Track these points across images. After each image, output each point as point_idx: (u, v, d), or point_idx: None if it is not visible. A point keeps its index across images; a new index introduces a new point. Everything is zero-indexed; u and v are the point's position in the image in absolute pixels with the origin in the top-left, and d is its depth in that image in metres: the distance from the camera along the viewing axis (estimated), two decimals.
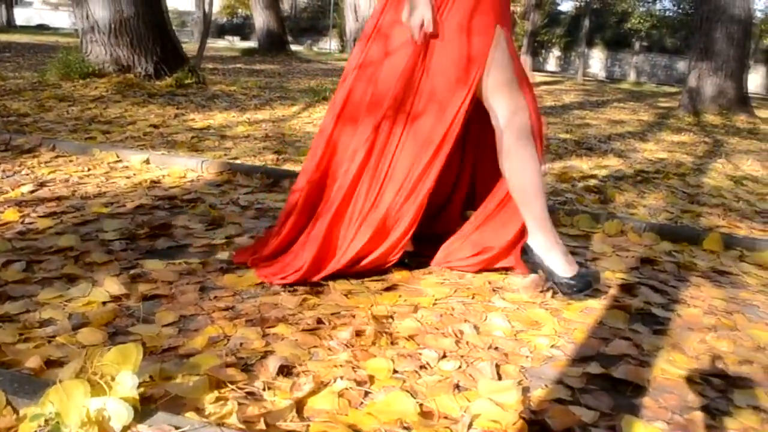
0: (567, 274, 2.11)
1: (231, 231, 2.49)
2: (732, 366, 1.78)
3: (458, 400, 1.48)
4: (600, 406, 1.51)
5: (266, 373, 1.53)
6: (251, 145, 4.42)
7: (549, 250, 2.13)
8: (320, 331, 1.75)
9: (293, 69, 12.67)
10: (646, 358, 1.77)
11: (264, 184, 3.21)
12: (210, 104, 6.24)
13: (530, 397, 1.52)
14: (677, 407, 1.54)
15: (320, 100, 6.64)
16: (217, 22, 23.37)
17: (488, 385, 1.54)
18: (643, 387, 1.62)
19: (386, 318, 1.87)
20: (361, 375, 1.55)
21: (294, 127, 5.38)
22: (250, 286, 2.02)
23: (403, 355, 1.67)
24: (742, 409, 1.56)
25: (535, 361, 1.71)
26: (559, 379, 1.62)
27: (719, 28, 9.74)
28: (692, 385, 1.65)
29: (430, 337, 1.77)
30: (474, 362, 1.66)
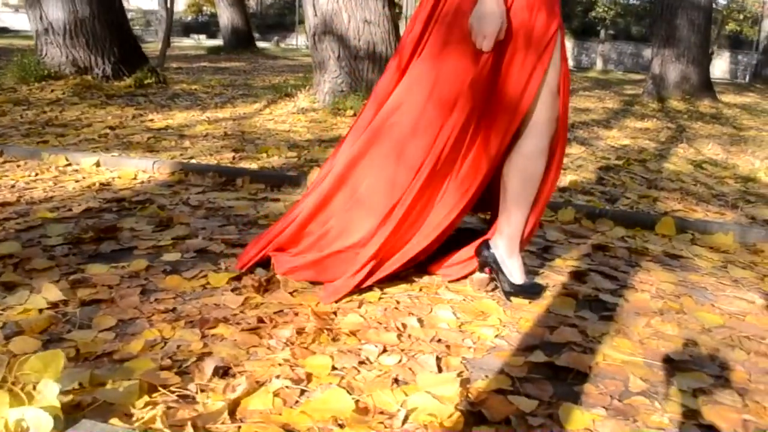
0: (518, 281, 2.08)
1: (179, 232, 2.45)
2: (676, 349, 1.79)
3: (396, 394, 1.46)
4: (540, 395, 1.50)
5: (202, 375, 1.50)
6: (210, 144, 4.38)
7: (510, 257, 2.09)
8: (261, 331, 1.72)
9: (259, 66, 12.58)
10: (591, 345, 1.77)
11: (216, 183, 3.17)
12: (170, 104, 6.16)
13: (470, 388, 1.51)
14: (618, 393, 1.54)
15: (282, 97, 6.59)
16: (182, 21, 23.15)
17: (428, 378, 1.53)
18: (585, 374, 1.62)
19: (330, 314, 1.85)
20: (299, 373, 1.53)
21: (255, 125, 5.33)
22: (194, 287, 1.99)
23: (343, 351, 1.64)
24: (683, 392, 1.56)
25: (478, 352, 1.70)
26: (501, 369, 1.61)
27: (681, 15, 9.83)
28: (635, 370, 1.65)
29: (373, 332, 1.75)
30: (416, 356, 1.64)
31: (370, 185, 1.99)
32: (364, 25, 5.87)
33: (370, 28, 5.89)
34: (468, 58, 1.88)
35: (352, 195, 2.01)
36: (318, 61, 6.12)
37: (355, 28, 5.87)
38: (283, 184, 3.15)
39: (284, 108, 6.12)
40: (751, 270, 2.50)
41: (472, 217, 2.52)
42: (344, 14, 5.83)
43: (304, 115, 5.81)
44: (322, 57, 6.04)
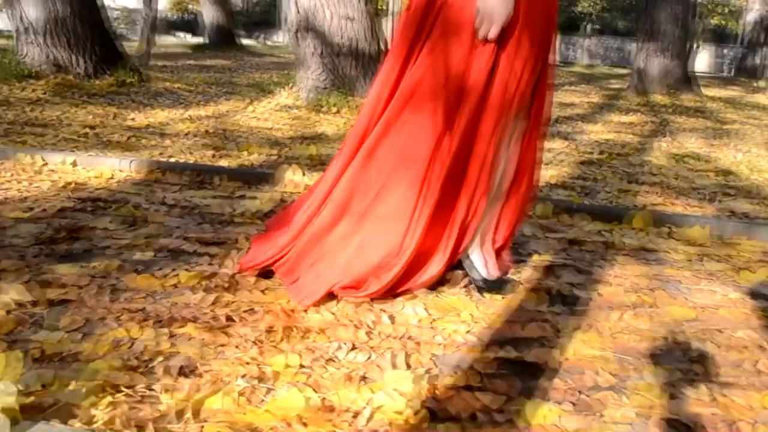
0: (491, 276, 2.08)
1: (149, 230, 2.44)
2: (643, 343, 1.79)
3: (362, 392, 1.45)
4: (507, 391, 1.50)
5: (167, 374, 1.49)
6: (190, 142, 4.35)
7: (474, 251, 2.08)
8: (229, 329, 1.71)
9: (244, 64, 12.53)
10: (561, 340, 1.77)
11: (193, 181, 3.15)
12: (152, 102, 6.12)
13: (437, 385, 1.50)
14: (586, 387, 1.54)
15: (265, 94, 6.56)
16: (167, 19, 23.03)
17: (394, 375, 1.52)
18: (554, 369, 1.62)
19: (300, 312, 1.84)
20: (265, 372, 1.52)
21: (237, 123, 5.31)
22: (165, 286, 1.97)
23: (311, 349, 1.64)
24: (652, 386, 1.56)
25: (448, 348, 1.70)
26: (470, 365, 1.61)
27: (664, 9, 9.87)
28: (604, 365, 1.65)
29: (343, 329, 1.75)
30: (384, 353, 1.63)
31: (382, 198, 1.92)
32: (346, 21, 5.85)
33: (352, 24, 5.88)
34: (467, 53, 1.85)
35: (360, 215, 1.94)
36: (300, 58, 6.10)
37: (337, 25, 5.85)
38: (260, 182, 3.13)
39: (266, 105, 6.09)
40: (726, 263, 2.51)
41: None
42: (325, 11, 5.82)
43: (286, 112, 5.79)
44: (303, 54, 6.02)
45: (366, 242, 1.92)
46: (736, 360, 1.72)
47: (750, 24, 17.79)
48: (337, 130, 5.13)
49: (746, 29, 17.98)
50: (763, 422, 1.45)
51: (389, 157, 1.91)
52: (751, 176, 4.58)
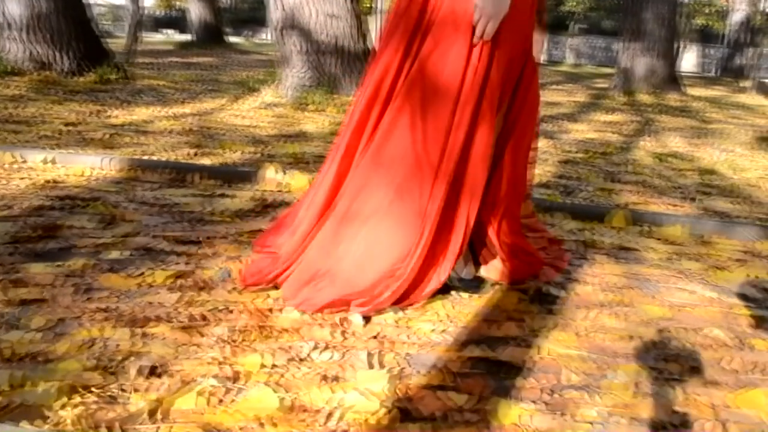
0: (468, 276, 2.08)
1: (126, 229, 2.42)
2: (617, 342, 1.79)
3: (328, 391, 1.45)
4: (476, 390, 1.49)
5: (138, 375, 1.48)
6: (170, 140, 4.32)
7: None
8: (197, 329, 1.70)
9: (230, 61, 12.48)
10: (532, 339, 1.77)
11: (170, 179, 3.13)
12: (134, 99, 6.08)
13: (410, 384, 1.50)
14: (554, 386, 1.54)
15: (249, 92, 6.53)
16: (153, 16, 22.89)
17: (362, 375, 1.52)
18: (528, 368, 1.62)
19: (275, 312, 1.83)
20: (231, 371, 1.51)
21: (218, 121, 5.28)
22: (134, 285, 1.96)
23: (285, 348, 1.63)
24: (619, 385, 1.57)
25: (423, 347, 1.69)
26: (440, 364, 1.60)
27: (649, 9, 9.91)
28: (573, 364, 1.65)
29: (318, 329, 1.74)
30: (358, 352, 1.63)
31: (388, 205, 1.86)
32: (329, 19, 5.84)
33: (335, 22, 5.87)
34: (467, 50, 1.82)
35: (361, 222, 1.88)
36: (283, 55, 6.08)
37: (321, 23, 5.84)
38: (240, 181, 3.12)
39: (249, 103, 6.07)
40: (703, 262, 2.52)
41: None
42: (309, 8, 5.80)
43: (269, 110, 5.77)
44: (286, 51, 6.01)
45: (371, 251, 1.85)
46: (711, 359, 1.73)
47: (735, 24, 17.91)
48: (320, 128, 5.12)
49: (731, 30, 18.09)
50: (736, 421, 1.46)
51: (393, 162, 1.85)
52: (732, 176, 4.60)
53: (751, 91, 13.20)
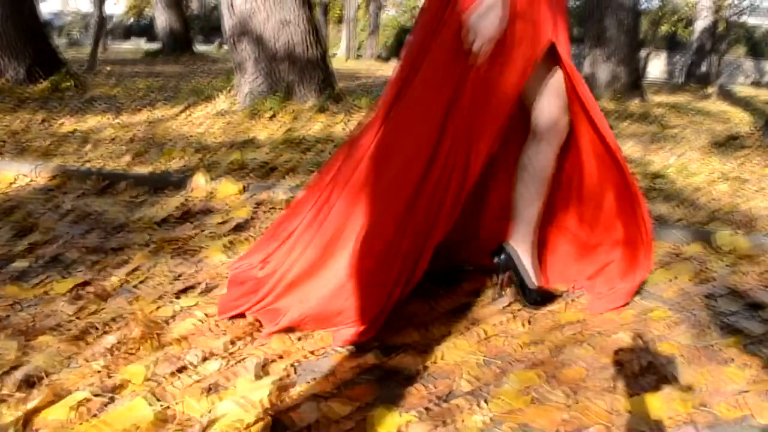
0: (535, 285, 2.05)
1: (38, 238, 2.36)
2: (520, 348, 1.77)
3: (207, 401, 1.41)
4: (362, 398, 1.46)
5: (7, 386, 1.43)
6: (113, 148, 4.27)
7: (528, 258, 2.05)
8: (86, 339, 1.66)
9: (196, 69, 12.39)
10: (432, 346, 1.74)
11: (97, 187, 3.07)
12: (86, 108, 6.01)
13: (290, 393, 1.47)
14: (443, 394, 1.51)
15: (203, 99, 6.48)
16: (123, 24, 22.75)
17: (245, 384, 1.48)
18: (417, 375, 1.59)
19: (166, 320, 1.79)
20: (112, 382, 1.47)
21: (169, 128, 5.23)
22: (34, 295, 1.91)
23: (168, 357, 1.59)
24: (511, 391, 1.54)
25: (315, 355, 1.66)
26: (330, 372, 1.57)
27: (609, 16, 9.99)
28: (469, 370, 1.63)
29: (205, 338, 1.70)
30: (242, 361, 1.59)
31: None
32: (282, 25, 5.81)
33: (289, 28, 5.83)
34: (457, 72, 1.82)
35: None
36: (237, 62, 6.04)
37: (273, 29, 5.81)
38: (167, 188, 3.07)
39: (203, 111, 6.02)
40: None
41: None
42: (261, 15, 5.77)
43: (221, 117, 5.72)
44: (240, 58, 5.97)
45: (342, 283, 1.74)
46: (606, 363, 1.71)
47: (699, 32, 18.13)
48: (271, 135, 5.08)
49: (696, 37, 18.31)
50: (618, 426, 1.44)
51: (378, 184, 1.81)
52: (678, 179, 4.63)
53: (715, 97, 13.38)
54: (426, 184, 1.81)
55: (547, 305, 2.04)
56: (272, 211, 2.80)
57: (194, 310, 1.86)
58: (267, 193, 2.97)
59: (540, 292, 2.06)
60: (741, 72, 23.10)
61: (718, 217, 3.52)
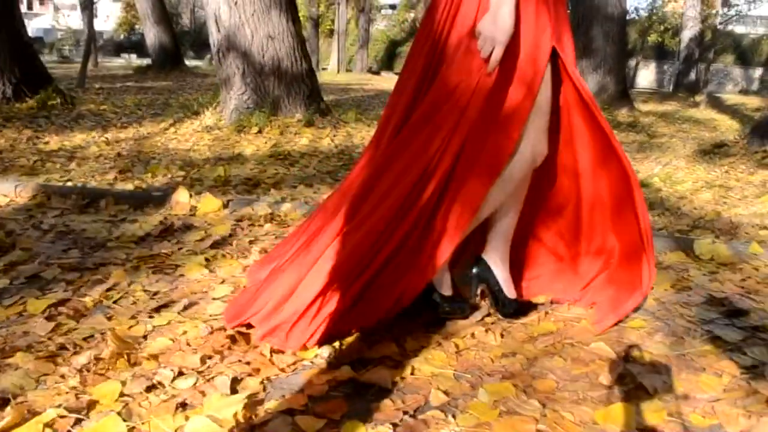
0: (512, 296, 2.04)
1: (16, 257, 2.36)
2: (495, 360, 1.77)
3: (177, 419, 1.41)
4: (331, 413, 1.46)
5: None
6: (98, 165, 4.27)
7: (504, 269, 2.05)
8: (59, 358, 1.66)
9: (186, 85, 12.43)
10: (408, 359, 1.74)
11: (78, 205, 3.07)
12: (73, 125, 6.02)
13: (259, 410, 1.47)
14: (415, 407, 1.51)
15: (191, 115, 6.49)
16: (114, 40, 22.78)
17: (216, 401, 1.48)
18: (389, 389, 1.59)
19: (139, 338, 1.79)
20: (83, 401, 1.47)
21: (156, 145, 5.24)
22: (8, 315, 1.91)
23: (140, 375, 1.59)
24: (483, 404, 1.54)
25: (287, 371, 1.66)
26: (302, 388, 1.57)
27: (596, 27, 10.08)
28: (442, 383, 1.63)
29: (178, 356, 1.70)
30: (214, 378, 1.59)
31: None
32: (268, 40, 5.84)
33: (275, 43, 5.87)
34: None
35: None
36: (223, 78, 6.07)
37: (259, 44, 5.84)
38: (148, 204, 3.07)
39: (190, 126, 6.03)
40: None
41: None
42: (247, 30, 5.80)
43: (208, 133, 5.74)
44: (227, 74, 5.99)
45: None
46: (579, 374, 1.72)
47: (686, 41, 18.29)
48: (257, 150, 5.10)
49: (683, 46, 18.46)
50: None
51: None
52: (663, 187, 4.66)
53: (703, 105, 13.46)
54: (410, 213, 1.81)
55: (521, 317, 2.05)
56: (253, 227, 2.81)
57: (169, 328, 1.86)
58: (248, 209, 2.98)
59: (515, 303, 2.07)
60: (730, 80, 23.27)
61: (701, 225, 3.55)
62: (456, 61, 1.82)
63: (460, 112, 1.80)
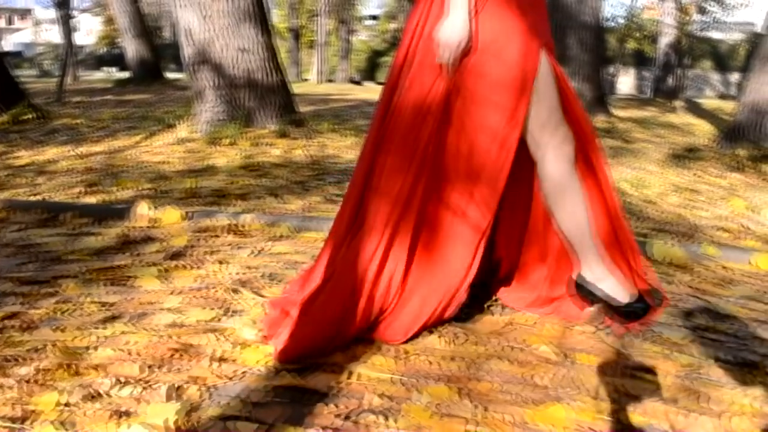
0: (624, 299, 1.94)
1: None
2: (437, 364, 1.80)
3: (113, 427, 1.43)
4: (266, 419, 1.49)
5: None
6: (67, 179, 4.27)
7: (604, 280, 1.96)
8: (6, 369, 1.67)
9: (166, 97, 12.41)
10: (349, 364, 1.77)
11: (40, 219, 3.08)
12: (46, 140, 6.02)
13: (200, 417, 1.49)
14: (352, 411, 1.54)
15: (165, 128, 6.50)
16: (95, 54, 22.75)
17: (154, 409, 1.51)
18: (331, 394, 1.62)
19: (86, 349, 1.80)
20: (23, 411, 1.49)
21: (128, 158, 5.24)
22: None
23: (84, 385, 1.61)
24: (421, 407, 1.57)
25: (230, 379, 1.68)
26: (245, 394, 1.59)
27: (571, 35, 10.16)
28: (382, 387, 1.66)
29: (121, 366, 1.71)
30: (155, 386, 1.61)
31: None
32: (241, 53, 5.87)
33: (247, 56, 5.89)
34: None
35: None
36: (196, 91, 6.08)
37: (232, 57, 5.86)
38: (109, 218, 3.09)
39: (163, 139, 6.04)
40: None
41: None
42: (219, 43, 5.82)
43: (181, 145, 5.74)
44: (200, 87, 6.01)
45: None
46: (519, 376, 1.75)
47: (663, 47, 18.46)
48: (229, 162, 5.11)
49: (661, 52, 18.64)
50: None
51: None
52: (633, 193, 4.71)
53: (680, 111, 13.59)
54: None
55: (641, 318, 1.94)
56: (212, 238, 2.83)
57: (116, 339, 1.87)
58: (209, 220, 3.00)
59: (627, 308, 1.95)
60: (708, 85, 23.54)
61: (663, 228, 3.59)
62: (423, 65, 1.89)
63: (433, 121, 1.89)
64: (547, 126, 1.89)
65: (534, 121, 1.88)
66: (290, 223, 2.98)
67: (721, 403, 1.64)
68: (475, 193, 1.93)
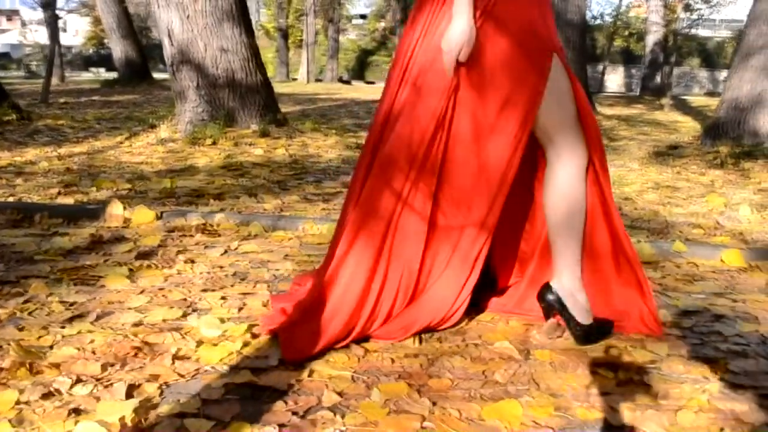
0: (585, 321, 1.98)
1: None
2: (398, 361, 1.81)
3: (67, 424, 1.44)
4: (221, 416, 1.50)
5: None
6: (45, 180, 4.27)
7: (573, 295, 1.98)
8: None
9: (152, 98, 12.42)
10: (309, 362, 1.78)
11: (12, 220, 3.08)
12: (28, 140, 6.02)
13: (150, 414, 1.50)
14: (306, 408, 1.55)
15: (147, 128, 6.50)
16: (83, 54, 22.69)
17: (108, 406, 1.51)
18: (284, 391, 1.63)
19: (45, 347, 1.81)
20: None
21: (108, 159, 5.24)
22: None
23: (39, 384, 1.61)
24: (374, 403, 1.59)
25: (185, 377, 1.69)
26: (198, 392, 1.60)
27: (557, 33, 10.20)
28: (338, 384, 1.67)
29: (82, 363, 1.72)
30: (111, 384, 1.62)
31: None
32: (221, 53, 5.88)
33: (228, 56, 5.90)
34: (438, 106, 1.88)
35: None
36: (178, 91, 6.09)
37: (213, 57, 5.87)
38: (82, 218, 3.09)
39: (145, 139, 6.04)
40: None
41: None
42: (200, 43, 5.83)
43: (163, 146, 5.75)
44: (181, 87, 6.02)
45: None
46: (476, 372, 1.76)
47: (650, 45, 18.56)
48: (210, 162, 5.12)
49: (648, 50, 18.73)
50: None
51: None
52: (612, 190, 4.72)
53: (667, 108, 13.66)
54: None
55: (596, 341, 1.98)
56: (183, 237, 2.84)
57: (78, 338, 1.88)
58: (181, 220, 3.01)
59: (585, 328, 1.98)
60: (695, 82, 23.67)
61: (637, 225, 3.61)
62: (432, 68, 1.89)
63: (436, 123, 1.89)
64: (560, 128, 1.90)
65: (548, 121, 1.90)
66: (262, 223, 2.99)
67: (679, 399, 1.66)
68: (474, 202, 1.95)
